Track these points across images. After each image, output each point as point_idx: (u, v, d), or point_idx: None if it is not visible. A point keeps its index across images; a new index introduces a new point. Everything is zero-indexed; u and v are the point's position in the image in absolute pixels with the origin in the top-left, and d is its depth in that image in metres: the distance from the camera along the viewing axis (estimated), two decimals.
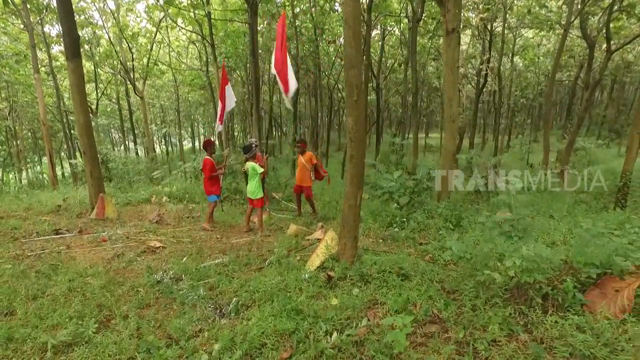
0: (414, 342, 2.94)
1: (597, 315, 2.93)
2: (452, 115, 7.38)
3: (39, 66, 14.67)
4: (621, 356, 2.48)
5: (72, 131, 29.47)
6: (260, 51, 17.86)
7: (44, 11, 14.53)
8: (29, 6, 13.21)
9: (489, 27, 18.54)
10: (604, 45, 14.64)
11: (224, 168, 7.12)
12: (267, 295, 3.66)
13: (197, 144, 48.39)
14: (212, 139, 6.94)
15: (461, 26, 10.92)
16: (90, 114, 23.53)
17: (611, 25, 13.54)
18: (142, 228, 6.77)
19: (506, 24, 18.33)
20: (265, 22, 16.62)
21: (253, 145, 6.41)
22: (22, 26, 13.92)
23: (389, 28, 21.92)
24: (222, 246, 5.78)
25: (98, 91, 24.02)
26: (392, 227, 6.21)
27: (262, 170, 6.29)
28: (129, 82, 19.57)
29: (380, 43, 19.81)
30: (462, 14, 10.78)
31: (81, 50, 6.94)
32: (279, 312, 3.25)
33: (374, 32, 21.13)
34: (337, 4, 15.75)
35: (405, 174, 10.28)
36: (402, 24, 20.28)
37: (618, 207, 7.28)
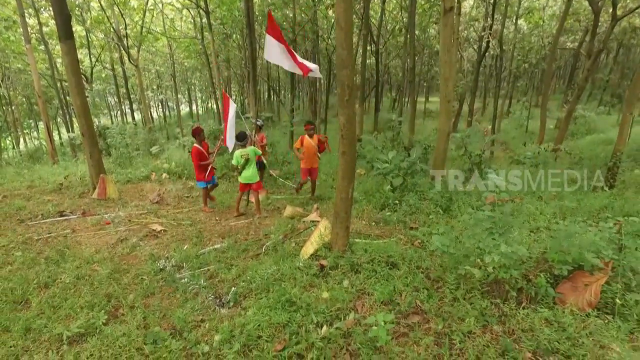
0: (397, 332, 3.23)
1: (566, 309, 3.19)
2: (448, 95, 7.38)
3: (30, 34, 14.32)
4: (580, 350, 2.75)
5: (67, 97, 29.13)
6: (256, 13, 17.31)
7: None
8: None
9: None
10: (611, 10, 14.22)
11: (213, 156, 6.94)
12: (263, 286, 3.93)
13: (194, 108, 47.86)
14: (201, 126, 6.81)
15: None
16: (85, 82, 23.07)
17: None
18: (144, 209, 7.00)
19: None
20: None
21: (247, 134, 6.47)
22: None
23: None
24: (221, 229, 6.02)
25: (92, 57, 23.50)
26: (385, 209, 6.44)
27: (260, 153, 6.42)
28: (122, 49, 19.10)
29: (380, 7, 19.14)
30: None
31: (71, 14, 6.52)
32: (274, 303, 3.51)
33: None
34: None
35: (402, 149, 10.44)
36: None
37: (607, 186, 7.46)
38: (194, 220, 6.42)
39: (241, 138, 6.39)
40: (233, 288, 3.97)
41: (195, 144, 6.56)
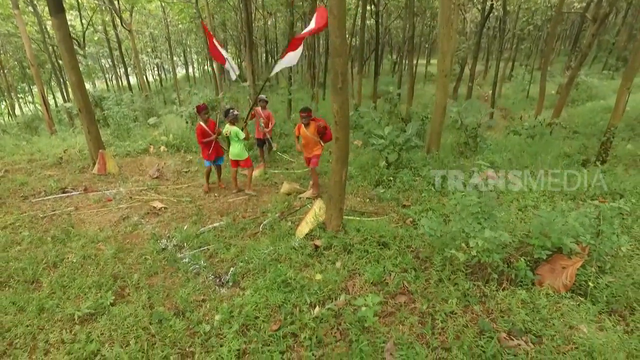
0: (385, 312, 3.48)
1: (542, 291, 3.42)
2: (445, 69, 7.33)
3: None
4: (550, 330, 3.00)
5: (59, 61, 28.48)
6: None
7: None
8: None
9: None
10: None
11: (215, 134, 6.64)
12: (260, 266, 4.15)
13: (190, 71, 46.83)
14: (205, 103, 6.63)
15: None
16: (78, 47, 22.47)
17: None
18: (144, 185, 7.15)
19: None
20: None
21: (231, 111, 6.34)
22: None
23: None
24: (220, 206, 6.20)
25: (83, 20, 22.74)
26: (379, 186, 6.59)
27: (243, 136, 6.32)
28: (114, 13, 18.49)
29: None
30: None
31: None
32: (270, 284, 3.75)
33: None
34: None
35: (400, 120, 10.43)
36: None
37: (599, 161, 7.56)
38: (194, 197, 6.59)
39: (225, 115, 6.36)
40: (232, 268, 4.20)
41: (199, 122, 6.44)
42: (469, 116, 8.35)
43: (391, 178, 6.65)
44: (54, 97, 33.45)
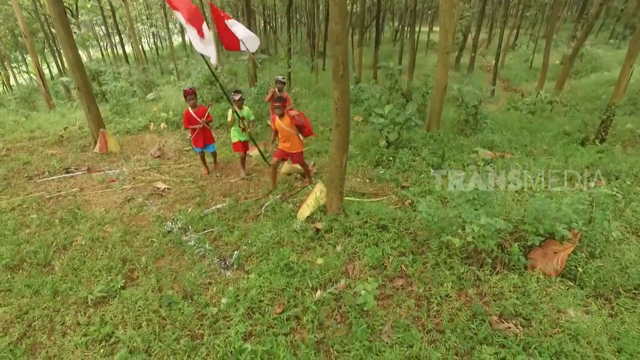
0: (383, 295, 3.65)
1: (534, 275, 3.58)
2: (447, 47, 7.23)
3: None
4: (539, 314, 3.17)
5: (52, 29, 27.78)
6: None
7: None
8: None
9: None
10: None
11: (202, 122, 6.26)
12: (263, 249, 4.30)
13: (187, 39, 45.62)
14: (193, 88, 6.18)
15: None
16: (71, 16, 21.89)
17: None
18: (146, 165, 7.22)
19: None
20: None
21: (234, 94, 6.01)
22: None
23: None
24: (222, 187, 6.29)
25: None
26: (379, 166, 6.67)
27: (253, 117, 6.27)
28: None
29: None
30: None
31: None
32: (274, 268, 3.91)
33: None
34: None
35: (400, 95, 10.36)
36: None
37: (598, 139, 7.60)
38: (196, 177, 6.68)
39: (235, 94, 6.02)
40: (236, 252, 4.34)
41: (187, 107, 6.18)
42: (470, 93, 8.29)
43: (391, 158, 6.72)
44: (49, 67, 32.83)
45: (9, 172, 6.85)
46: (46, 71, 29.81)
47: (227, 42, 6.16)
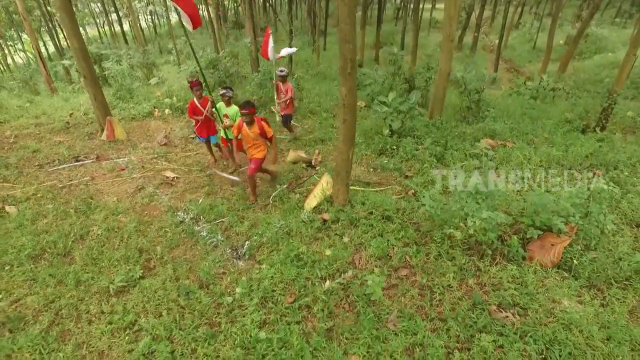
0: (389, 284, 3.87)
1: (531, 267, 3.79)
2: (451, 34, 7.23)
3: None
4: (535, 304, 3.39)
5: (48, 7, 27.25)
6: None
7: None
8: None
9: None
10: None
11: (205, 112, 6.21)
12: (273, 240, 4.49)
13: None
14: (198, 79, 6.14)
15: None
16: None
17: None
18: (153, 153, 7.34)
19: None
20: None
21: (225, 91, 5.94)
22: None
23: None
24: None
25: None
26: (382, 155, 6.80)
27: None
28: None
29: None
30: None
31: None
32: (284, 259, 4.10)
33: None
34: None
35: (403, 80, 10.37)
36: None
37: (598, 127, 7.70)
38: (203, 166, 6.81)
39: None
40: (247, 242, 4.54)
41: (192, 98, 6.20)
42: (473, 81, 8.32)
43: (394, 147, 6.84)
44: (45, 46, 32.33)
45: (19, 160, 6.98)
46: (42, 49, 29.38)
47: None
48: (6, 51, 28.16)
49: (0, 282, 4.00)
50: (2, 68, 27.18)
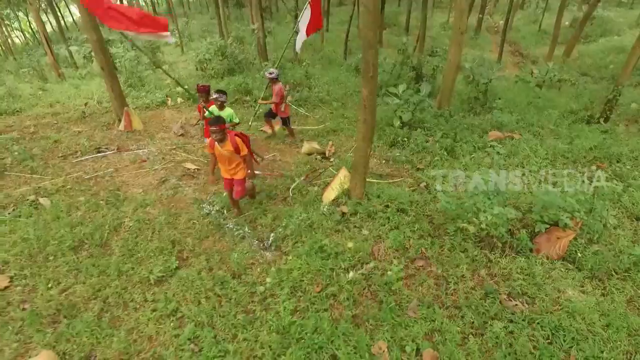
0: (407, 274, 4.20)
1: (539, 259, 4.12)
2: (462, 27, 7.36)
3: None
4: (542, 293, 3.73)
5: None
6: None
7: None
8: None
9: None
10: None
11: (206, 112, 6.17)
12: (297, 232, 4.80)
13: None
14: (207, 84, 6.34)
15: None
16: None
17: None
18: (171, 143, 7.57)
19: None
20: None
21: (217, 96, 5.98)
22: None
23: None
24: None
25: None
26: (394, 147, 7.05)
27: (237, 120, 6.18)
28: None
29: None
30: None
31: None
32: (309, 250, 4.42)
33: None
34: None
35: (411, 69, 10.49)
36: None
37: (602, 118, 7.91)
38: None
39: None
40: (272, 234, 4.85)
41: (200, 103, 6.28)
42: (480, 73, 8.48)
43: (405, 139, 7.08)
44: (49, 20, 31.97)
45: (43, 151, 7.22)
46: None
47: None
48: (6, 32, 27.82)
49: (47, 272, 4.32)
50: (2, 48, 26.96)
